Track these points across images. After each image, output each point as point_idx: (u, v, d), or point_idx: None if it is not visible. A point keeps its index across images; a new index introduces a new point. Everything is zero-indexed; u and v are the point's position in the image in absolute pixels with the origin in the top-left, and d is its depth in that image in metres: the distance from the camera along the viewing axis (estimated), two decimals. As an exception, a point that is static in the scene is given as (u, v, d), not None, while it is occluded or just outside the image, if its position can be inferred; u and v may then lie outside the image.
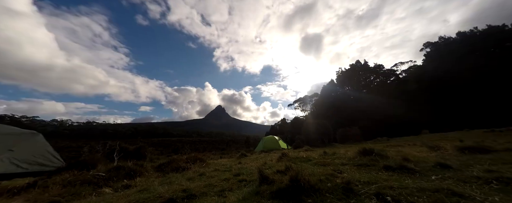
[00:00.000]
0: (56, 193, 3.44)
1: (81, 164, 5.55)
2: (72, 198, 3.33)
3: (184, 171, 5.10)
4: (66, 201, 3.18)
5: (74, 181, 4.02)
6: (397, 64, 52.93)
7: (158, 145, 54.14)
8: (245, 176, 3.49)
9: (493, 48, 34.22)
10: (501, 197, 1.76)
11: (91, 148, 12.14)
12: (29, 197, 3.25)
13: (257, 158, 7.21)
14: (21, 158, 6.18)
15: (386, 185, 2.18)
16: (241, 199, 2.20)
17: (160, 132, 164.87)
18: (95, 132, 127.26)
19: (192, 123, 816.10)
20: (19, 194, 3.52)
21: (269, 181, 2.51)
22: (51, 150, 7.21)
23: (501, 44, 33.33)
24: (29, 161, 6.30)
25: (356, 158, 4.06)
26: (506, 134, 9.49)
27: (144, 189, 3.42)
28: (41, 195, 3.32)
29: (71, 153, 25.73)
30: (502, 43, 33.24)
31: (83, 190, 3.66)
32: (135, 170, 4.91)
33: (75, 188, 3.73)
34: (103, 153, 9.06)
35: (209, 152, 19.41)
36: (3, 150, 5.99)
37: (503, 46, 33.02)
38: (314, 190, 2.12)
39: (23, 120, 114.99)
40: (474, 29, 38.89)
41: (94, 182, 4.11)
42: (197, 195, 2.55)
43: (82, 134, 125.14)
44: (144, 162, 6.43)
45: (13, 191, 3.73)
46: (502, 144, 5.11)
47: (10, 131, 6.82)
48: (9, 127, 7.24)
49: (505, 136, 8.54)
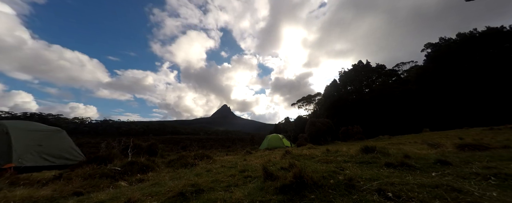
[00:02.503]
0: (78, 185, 3.56)
1: (99, 159, 5.69)
2: (92, 189, 3.43)
3: (192, 167, 5.16)
4: (87, 193, 3.28)
5: (94, 174, 4.14)
6: (399, 64, 52.07)
7: (168, 142, 54.91)
8: (250, 173, 3.49)
9: (492, 49, 33.95)
10: (498, 192, 1.74)
11: (108, 144, 12.44)
12: (55, 187, 3.38)
13: (261, 155, 7.21)
14: (48, 152, 6.42)
15: (388, 182, 2.15)
16: (246, 195, 2.20)
17: (170, 129, 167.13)
18: (111, 129, 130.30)
19: (200, 121, 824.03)
20: (47, 185, 3.68)
21: (273, 177, 2.49)
22: (73, 145, 7.46)
23: (499, 45, 33.26)
24: (55, 155, 6.54)
25: (358, 155, 4.01)
26: (504, 132, 9.26)
27: (156, 183, 3.48)
28: (66, 186, 3.44)
29: (90, 148, 26.51)
30: (500, 44, 33.19)
31: (102, 183, 3.77)
32: (148, 165, 5.00)
33: (94, 180, 3.84)
34: (119, 148, 9.26)
35: (215, 149, 19.56)
36: (34, 145, 6.24)
37: (501, 47, 33.00)
38: (317, 186, 2.10)
39: (50, 118, 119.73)
40: (473, 30, 38.43)
41: (111, 176, 4.21)
42: (205, 190, 2.56)
43: (100, 131, 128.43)
44: (156, 158, 6.54)
45: (42, 182, 3.94)
46: (501, 142, 5.00)
47: (39, 127, 7.08)
48: (38, 124, 7.52)
49: (503, 134, 8.38)
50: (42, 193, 3.03)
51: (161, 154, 9.51)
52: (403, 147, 5.60)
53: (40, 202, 2.83)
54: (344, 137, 19.98)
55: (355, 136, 19.21)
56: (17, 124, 6.63)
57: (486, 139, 6.32)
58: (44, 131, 6.96)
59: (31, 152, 6.00)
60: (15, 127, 6.30)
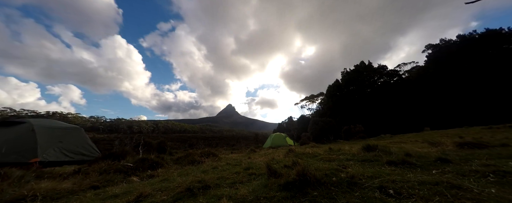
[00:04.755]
0: (95, 179, 3.66)
1: (113, 155, 5.79)
2: (107, 183, 3.52)
3: (199, 164, 5.17)
4: (103, 186, 3.36)
5: (108, 170, 4.23)
6: (400, 65, 51.26)
7: (175, 140, 55.47)
8: (255, 170, 3.46)
9: (491, 50, 33.47)
10: (497, 189, 1.73)
11: (121, 141, 12.71)
12: (75, 181, 3.49)
13: (265, 153, 7.15)
14: (68, 148, 6.60)
15: (389, 179, 2.13)
16: (251, 191, 2.19)
17: (177, 128, 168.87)
18: (123, 128, 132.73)
19: (205, 120, 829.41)
20: (68, 179, 3.80)
21: (277, 175, 2.47)
22: (90, 142, 7.62)
23: (498, 46, 32.90)
24: (74, 151, 6.71)
25: (360, 154, 3.95)
26: (503, 131, 9.09)
27: (165, 179, 3.51)
28: (84, 180, 3.55)
29: (105, 145, 27.22)
30: (499, 46, 32.84)
31: (116, 178, 3.85)
32: (157, 162, 5.04)
33: (109, 175, 3.93)
34: (131, 146, 9.43)
35: (221, 148, 19.61)
36: (55, 142, 6.42)
37: (500, 48, 32.68)
38: (320, 184, 2.08)
39: (69, 116, 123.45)
40: (473, 32, 37.89)
41: (124, 171, 4.29)
42: (211, 186, 2.57)
43: (113, 129, 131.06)
44: (165, 155, 6.61)
45: (63, 175, 4.10)
46: (499, 140, 4.88)
47: (60, 125, 7.29)
48: (59, 122, 7.75)
49: (502, 132, 8.22)
50: (63, 186, 3.15)
51: (169, 151, 9.64)
52: (404, 145, 5.51)
53: (62, 194, 2.93)
54: (347, 135, 19.76)
55: (357, 134, 18.97)
56: (41, 122, 6.82)
57: (485, 137, 6.18)
58: (64, 128, 7.15)
59: (53, 148, 6.20)
60: (40, 125, 6.49)
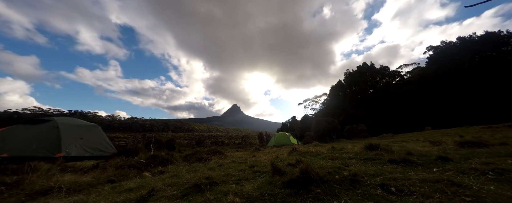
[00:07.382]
0: (112, 173, 3.78)
1: (127, 152, 5.90)
2: (123, 178, 3.62)
3: (206, 162, 5.18)
4: (119, 181, 3.46)
5: (123, 165, 4.34)
6: (402, 66, 50.23)
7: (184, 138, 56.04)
8: (259, 168, 3.46)
9: (491, 51, 32.79)
10: (496, 186, 1.70)
11: (134, 139, 12.98)
12: (94, 175, 3.61)
13: (269, 152, 7.09)
14: (88, 145, 6.80)
15: (391, 177, 2.10)
16: (256, 188, 2.19)
17: (186, 127, 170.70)
18: (136, 126, 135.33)
19: (212, 119, 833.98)
20: (88, 173, 3.94)
21: (281, 172, 2.46)
22: (107, 139, 7.81)
23: (497, 48, 32.34)
24: (93, 147, 6.91)
25: (362, 152, 3.88)
26: (502, 130, 8.86)
27: (174, 175, 3.56)
28: (102, 174, 3.67)
29: (120, 142, 28.02)
30: (498, 47, 32.30)
31: (130, 173, 3.94)
32: (167, 159, 5.11)
33: (124, 170, 4.04)
34: (143, 143, 9.61)
35: (226, 146, 19.63)
36: (77, 138, 6.63)
37: (499, 50, 32.17)
38: (322, 181, 2.06)
39: (88, 115, 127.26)
40: (473, 34, 36.91)
41: (137, 167, 4.38)
42: (217, 182, 2.59)
43: (128, 127, 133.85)
44: (174, 152, 6.68)
45: (84, 170, 4.28)
46: (499, 139, 4.71)
47: (81, 123, 7.56)
48: (79, 120, 8.02)
49: (502, 132, 8.04)
50: (84, 179, 3.28)
51: (178, 149, 9.75)
52: (405, 144, 5.39)
53: (83, 186, 3.05)
54: (349, 135, 19.47)
55: (360, 134, 18.68)
56: (64, 120, 7.05)
57: (485, 136, 5.97)
58: (84, 126, 7.40)
59: (75, 144, 6.41)
60: (63, 122, 6.73)
